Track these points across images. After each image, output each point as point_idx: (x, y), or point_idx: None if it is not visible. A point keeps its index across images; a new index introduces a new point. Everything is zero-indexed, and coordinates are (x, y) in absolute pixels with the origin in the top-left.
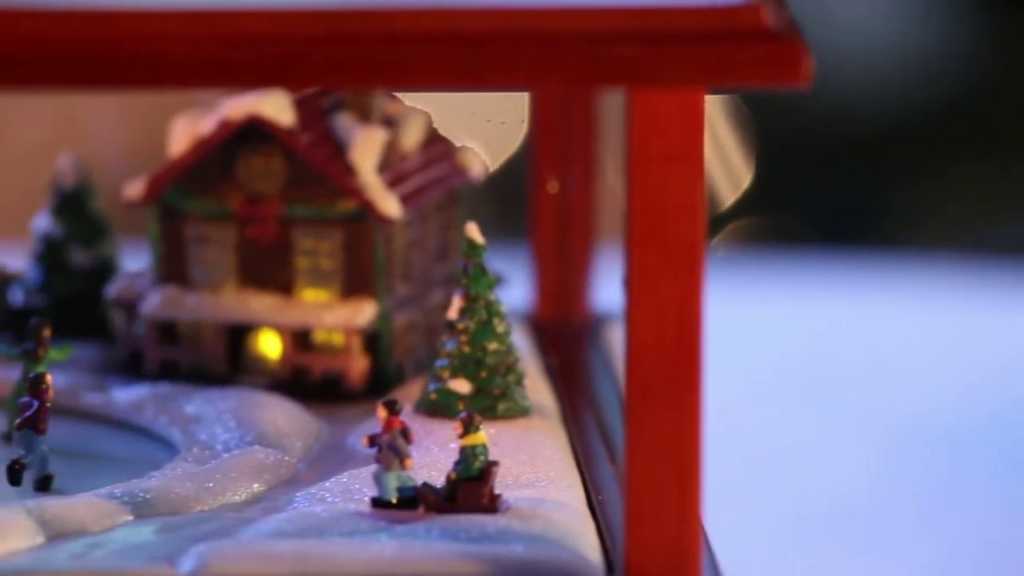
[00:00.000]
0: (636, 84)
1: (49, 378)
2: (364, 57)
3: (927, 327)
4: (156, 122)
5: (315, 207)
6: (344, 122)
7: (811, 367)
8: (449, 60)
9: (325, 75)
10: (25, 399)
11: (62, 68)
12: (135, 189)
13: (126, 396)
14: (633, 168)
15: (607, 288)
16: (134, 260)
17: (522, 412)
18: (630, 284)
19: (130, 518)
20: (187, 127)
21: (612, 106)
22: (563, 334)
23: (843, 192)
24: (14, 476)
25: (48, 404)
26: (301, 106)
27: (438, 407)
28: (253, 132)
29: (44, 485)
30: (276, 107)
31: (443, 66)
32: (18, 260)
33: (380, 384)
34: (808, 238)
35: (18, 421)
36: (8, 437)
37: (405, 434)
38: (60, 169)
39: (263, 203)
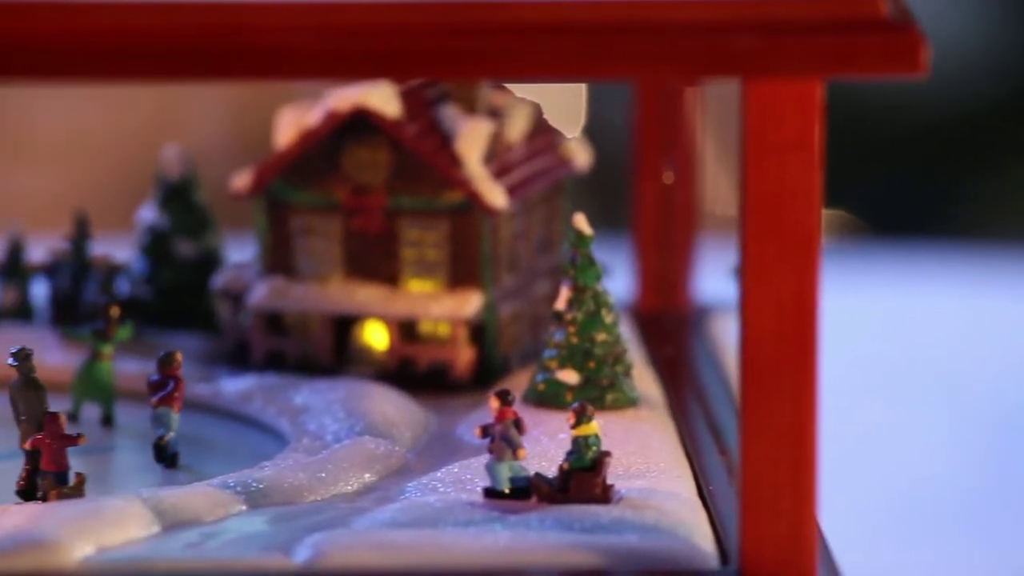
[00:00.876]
0: (753, 75)
1: (180, 355)
2: (479, 48)
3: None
4: (254, 112)
5: (421, 198)
6: (450, 113)
7: (912, 357)
8: (565, 51)
9: (439, 66)
10: (156, 377)
11: (182, 60)
12: (242, 181)
13: (234, 387)
14: (749, 158)
15: (709, 279)
16: (238, 251)
17: (630, 403)
18: (745, 274)
19: (244, 508)
20: (293, 119)
21: (714, 96)
22: (665, 325)
23: (913, 184)
24: (161, 454)
25: (183, 380)
26: (407, 97)
27: (546, 398)
28: (359, 123)
29: (173, 462)
30: (382, 98)
31: (559, 57)
32: (124, 251)
33: (486, 375)
34: (869, 231)
35: (155, 400)
36: (74, 417)
37: (518, 424)
38: (165, 161)
39: (369, 194)
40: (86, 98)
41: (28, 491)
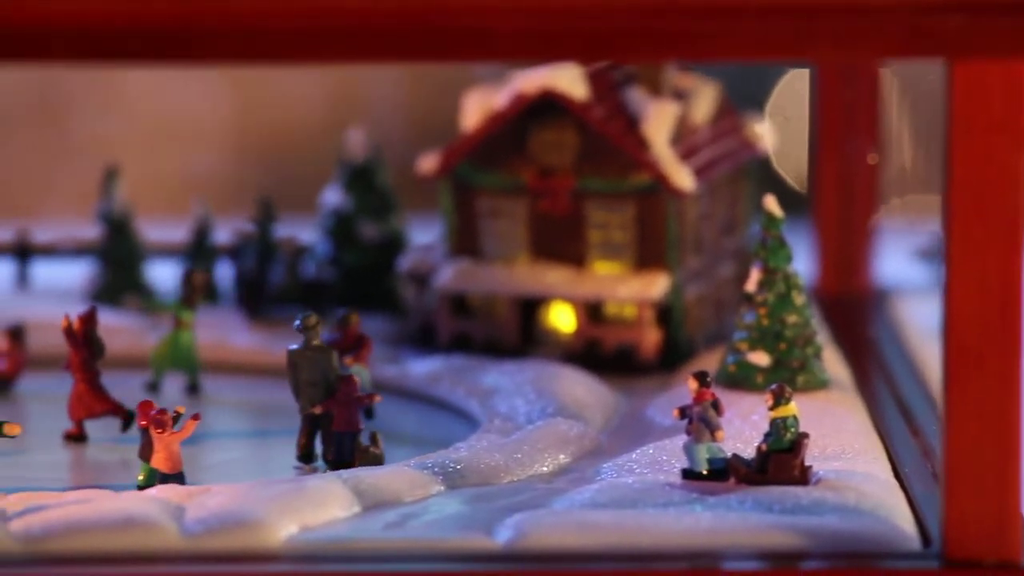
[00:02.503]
0: (960, 55)
1: (356, 316)
2: (688, 29)
3: None
4: (431, 93)
5: (608, 180)
6: (636, 95)
7: None
8: (773, 32)
9: (648, 48)
10: (336, 336)
11: (389, 40)
12: (428, 162)
13: (421, 368)
14: (954, 140)
15: (889, 261)
16: (420, 233)
17: (821, 385)
18: (951, 256)
19: (442, 488)
20: (480, 101)
21: (895, 79)
22: (847, 306)
23: None
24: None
25: (369, 339)
26: (593, 79)
27: (737, 379)
28: (546, 106)
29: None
30: (570, 80)
31: (767, 38)
32: (308, 234)
33: (672, 357)
34: None
35: (349, 359)
36: (154, 387)
37: (716, 406)
38: (349, 143)
39: (555, 176)
40: (265, 81)
41: (308, 455)
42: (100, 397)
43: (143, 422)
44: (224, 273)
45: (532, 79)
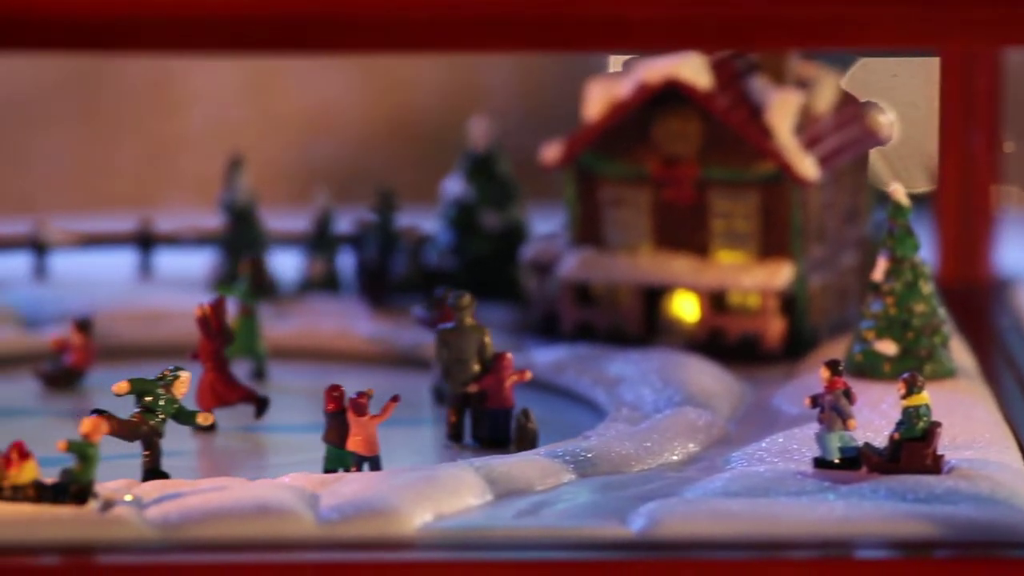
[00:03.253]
0: None
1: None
2: (825, 17)
3: None
4: (552, 82)
5: (731, 169)
6: (759, 84)
7: None
8: (913, 19)
9: (787, 36)
10: (428, 314)
11: (525, 30)
12: (552, 152)
13: (545, 357)
14: None
15: (1010, 250)
16: (541, 222)
17: (948, 373)
18: None
19: (573, 477)
20: (603, 91)
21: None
22: (968, 296)
23: None
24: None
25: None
26: (717, 69)
27: (864, 368)
28: (670, 95)
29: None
30: (694, 70)
31: (907, 25)
32: (429, 223)
33: (796, 346)
34: None
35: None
36: (260, 374)
37: (848, 394)
38: (472, 132)
39: (679, 165)
40: (387, 69)
41: (458, 434)
42: (232, 386)
43: (332, 406)
44: (346, 262)
45: (656, 68)
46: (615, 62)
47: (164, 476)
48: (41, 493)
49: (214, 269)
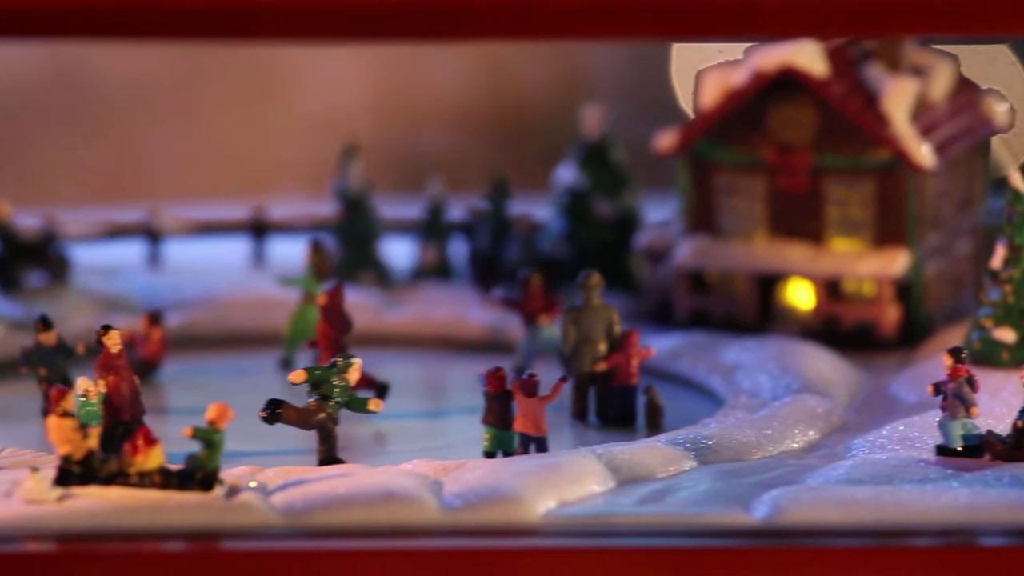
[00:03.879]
0: None
1: (538, 276)
2: (955, 4)
3: None
4: (661, 70)
5: (847, 157)
6: (874, 72)
7: None
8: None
9: (913, 23)
10: (512, 295)
11: (653, 17)
12: (667, 140)
13: (660, 345)
14: None
15: None
16: (653, 210)
17: None
18: None
19: (694, 464)
20: (718, 78)
21: None
22: None
23: None
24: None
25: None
26: (832, 56)
27: (982, 356)
28: (785, 82)
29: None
30: (809, 57)
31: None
32: (542, 210)
33: (912, 334)
34: None
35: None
36: (287, 363)
37: (970, 382)
38: (584, 120)
39: (794, 153)
40: (497, 56)
41: (584, 413)
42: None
43: (494, 387)
44: (458, 250)
45: (771, 56)
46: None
47: (341, 464)
48: (167, 479)
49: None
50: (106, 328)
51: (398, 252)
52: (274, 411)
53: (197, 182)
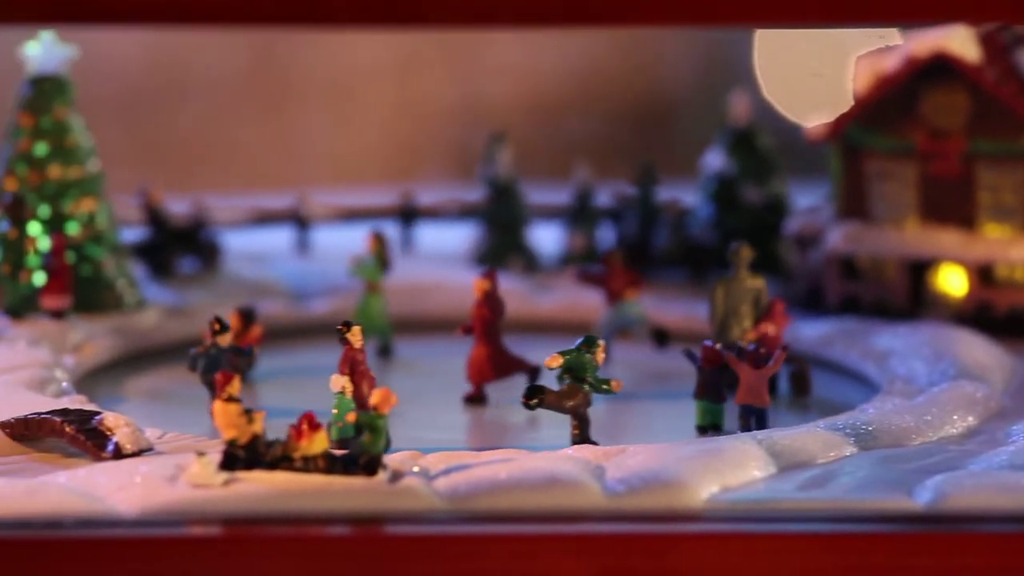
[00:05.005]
0: None
1: (619, 253)
2: None
3: None
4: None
5: (999, 142)
6: None
7: None
8: None
9: None
10: (584, 270)
11: (815, 3)
12: (818, 126)
13: (812, 331)
14: None
15: None
16: (801, 196)
17: None
18: None
19: (855, 450)
20: (869, 64)
21: None
22: None
23: None
24: (660, 338)
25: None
26: (984, 42)
27: None
28: (937, 68)
29: (661, 337)
30: (961, 43)
31: None
32: (690, 196)
33: None
34: None
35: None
36: (385, 351)
37: None
38: (733, 107)
39: (946, 139)
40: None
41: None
42: (503, 359)
43: (708, 363)
44: (606, 236)
45: (924, 42)
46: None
47: (594, 444)
48: (331, 464)
49: (475, 242)
50: (348, 325)
51: (546, 238)
52: (536, 397)
53: (344, 168)
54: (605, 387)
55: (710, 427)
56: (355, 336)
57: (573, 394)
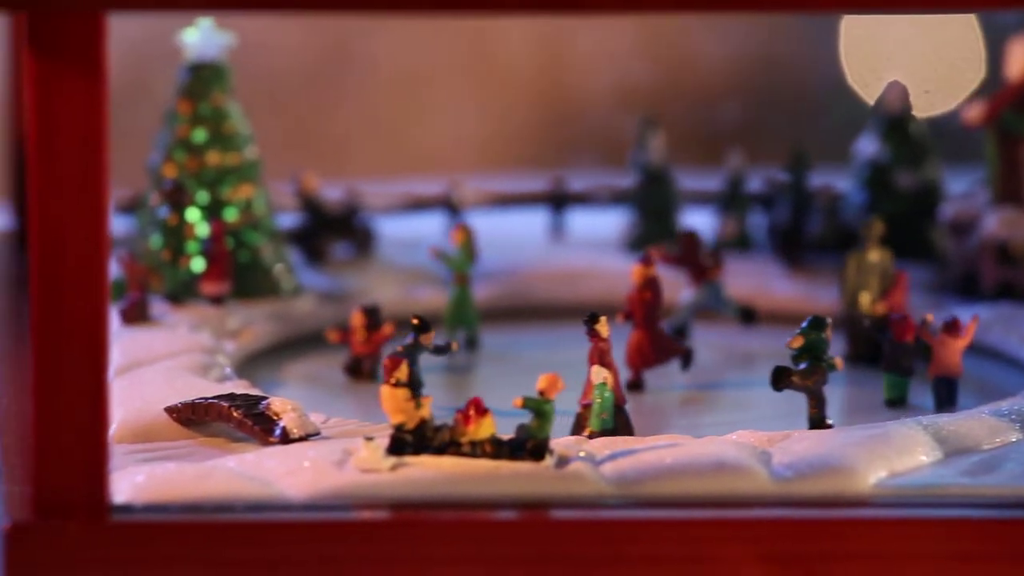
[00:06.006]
0: None
1: (694, 234)
2: None
3: None
4: None
5: None
6: None
7: None
8: None
9: None
10: (666, 251)
11: None
12: (974, 112)
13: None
14: None
15: None
16: (954, 182)
17: None
18: None
19: (1021, 436)
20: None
21: None
22: None
23: None
24: (747, 317)
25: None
26: None
27: None
28: None
29: (748, 315)
30: None
31: None
32: (842, 182)
33: None
34: None
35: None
36: (472, 343)
37: None
38: (886, 94)
39: None
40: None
41: (859, 355)
42: (661, 345)
43: (901, 334)
44: (757, 222)
45: None
46: None
47: (829, 426)
48: (498, 449)
49: (627, 229)
50: (595, 316)
51: (697, 224)
52: (784, 379)
53: (493, 154)
54: (832, 365)
55: (897, 401)
56: (603, 327)
57: (814, 373)
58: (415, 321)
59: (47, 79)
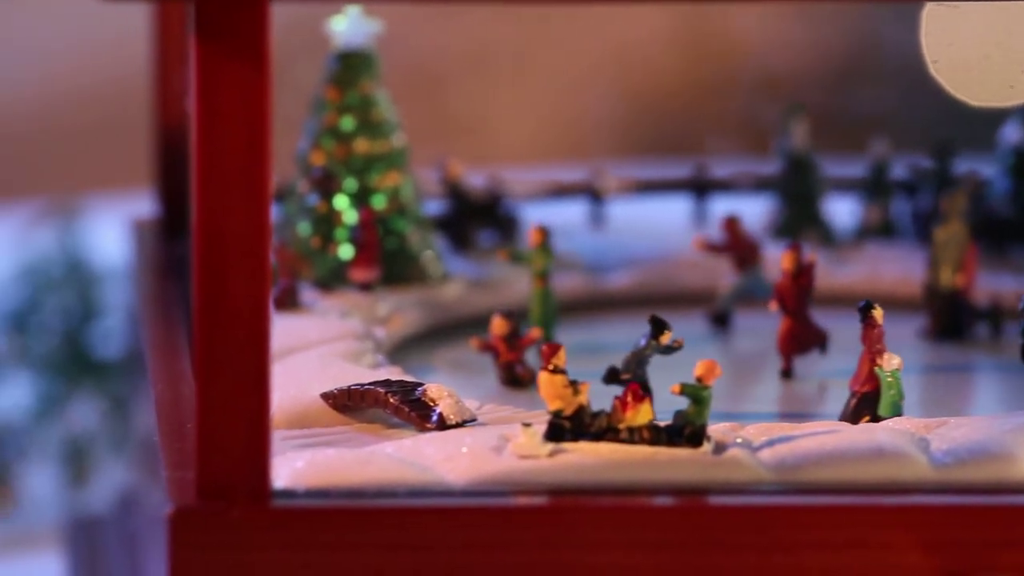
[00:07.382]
0: None
1: (737, 220)
2: None
3: None
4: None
5: None
6: None
7: None
8: None
9: None
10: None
11: None
12: None
13: None
14: None
15: None
16: None
17: None
18: None
19: None
20: None
21: None
22: None
23: None
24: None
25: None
26: None
27: None
28: None
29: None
30: None
31: None
32: (989, 169)
33: None
34: None
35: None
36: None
37: None
38: None
39: None
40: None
41: (942, 330)
42: (809, 332)
43: None
44: (901, 209)
45: None
46: None
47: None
48: (656, 435)
49: (771, 216)
50: (870, 304)
51: (841, 211)
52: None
53: (634, 141)
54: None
55: None
56: (879, 314)
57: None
58: (652, 320)
59: (212, 67)
